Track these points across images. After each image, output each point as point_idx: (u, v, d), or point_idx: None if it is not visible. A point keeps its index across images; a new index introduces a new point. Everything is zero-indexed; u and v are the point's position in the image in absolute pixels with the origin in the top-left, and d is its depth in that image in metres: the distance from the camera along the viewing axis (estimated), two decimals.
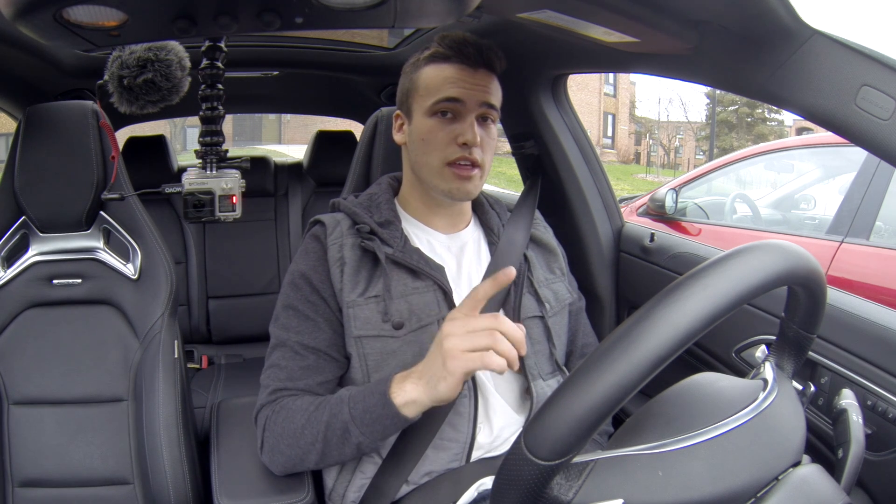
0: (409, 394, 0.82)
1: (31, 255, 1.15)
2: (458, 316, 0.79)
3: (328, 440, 0.87)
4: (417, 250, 0.97)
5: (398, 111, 1.05)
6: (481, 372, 0.97)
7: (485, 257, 1.05)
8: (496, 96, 0.99)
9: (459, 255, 1.03)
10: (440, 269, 0.97)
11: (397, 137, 1.05)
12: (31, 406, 1.12)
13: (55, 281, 1.16)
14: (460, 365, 0.76)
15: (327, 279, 0.95)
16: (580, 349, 1.14)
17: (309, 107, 2.76)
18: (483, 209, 1.09)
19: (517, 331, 0.77)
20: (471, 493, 0.92)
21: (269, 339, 0.99)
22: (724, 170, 3.69)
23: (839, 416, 0.69)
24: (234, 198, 0.98)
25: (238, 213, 0.99)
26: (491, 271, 1.01)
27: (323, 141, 2.31)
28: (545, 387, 1.00)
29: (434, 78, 0.97)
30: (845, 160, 2.99)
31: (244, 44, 1.60)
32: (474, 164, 0.96)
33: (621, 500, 0.55)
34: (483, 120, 0.97)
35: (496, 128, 1.01)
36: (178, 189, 0.98)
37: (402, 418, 0.83)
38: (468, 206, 1.07)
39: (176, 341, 1.18)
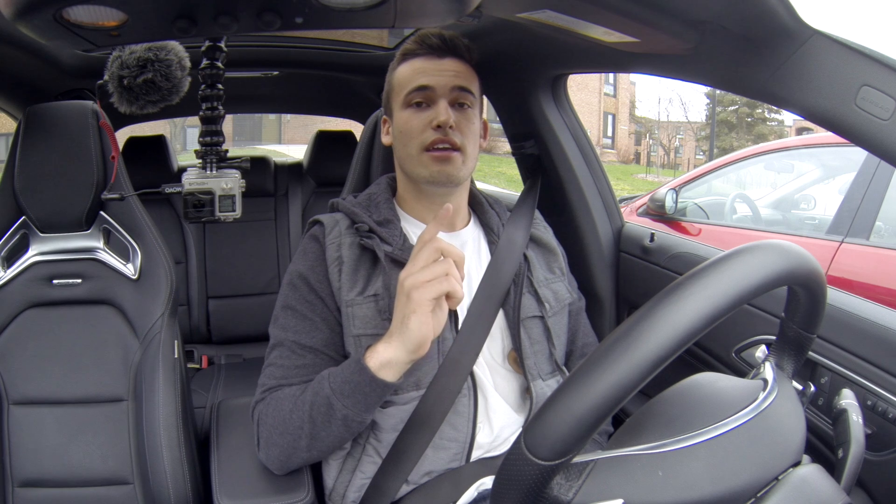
0: (382, 354, 0.84)
1: (31, 255, 1.15)
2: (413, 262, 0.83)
3: (314, 420, 0.87)
4: None
5: (384, 116, 1.07)
6: (481, 371, 0.97)
7: (485, 256, 1.05)
8: (469, 81, 1.00)
9: None
10: None
11: (385, 140, 1.08)
12: (31, 406, 1.12)
13: (55, 281, 1.16)
14: (425, 293, 0.80)
15: (325, 279, 0.96)
16: (580, 349, 1.13)
17: (309, 107, 2.76)
18: (482, 209, 1.09)
19: (462, 254, 0.84)
20: (471, 492, 0.92)
21: (269, 339, 0.99)
22: (723, 170, 3.69)
23: (839, 416, 0.69)
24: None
25: (238, 213, 0.99)
26: (491, 271, 1.01)
27: (323, 141, 2.32)
28: (545, 387, 1.00)
29: (405, 73, 1.01)
30: (845, 160, 2.99)
31: (244, 44, 1.60)
32: (453, 147, 0.96)
33: (621, 500, 0.55)
34: (460, 106, 0.99)
35: (475, 113, 1.01)
36: (178, 189, 0.98)
37: (381, 382, 0.83)
38: (464, 203, 1.07)
39: (176, 341, 1.18)
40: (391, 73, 1.04)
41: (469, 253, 1.04)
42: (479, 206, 1.10)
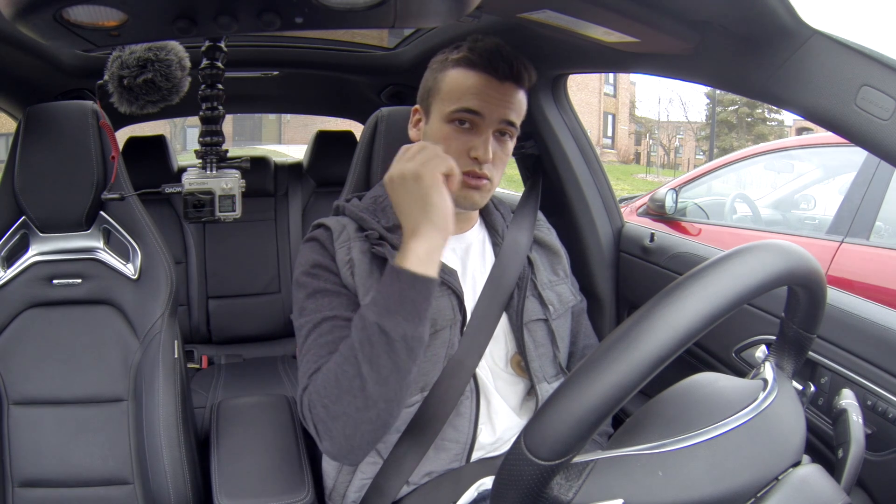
0: (416, 250, 0.80)
1: (31, 255, 1.15)
2: None
3: (371, 359, 0.78)
4: None
5: (417, 106, 1.02)
6: (483, 373, 0.97)
7: (489, 258, 1.05)
8: (518, 112, 0.96)
9: (464, 256, 1.02)
10: (453, 273, 0.96)
11: (412, 133, 1.02)
12: (30, 406, 1.12)
13: (55, 281, 1.16)
14: (434, 168, 0.82)
15: (339, 275, 0.93)
16: (581, 350, 1.13)
17: (309, 107, 2.76)
18: (488, 210, 1.09)
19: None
20: (471, 493, 0.92)
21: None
22: (723, 170, 3.69)
23: (839, 416, 0.69)
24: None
25: (238, 213, 0.99)
26: (495, 273, 1.01)
27: (323, 141, 2.31)
28: (550, 389, 1.00)
29: (458, 84, 0.94)
30: (845, 160, 2.99)
31: (244, 44, 1.60)
32: (483, 177, 0.94)
33: (621, 500, 0.55)
34: (500, 135, 0.95)
35: (513, 143, 0.98)
36: (178, 189, 0.98)
37: (422, 278, 0.79)
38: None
39: (176, 341, 1.18)
40: (441, 71, 0.96)
41: (474, 255, 1.03)
42: (484, 207, 1.09)
